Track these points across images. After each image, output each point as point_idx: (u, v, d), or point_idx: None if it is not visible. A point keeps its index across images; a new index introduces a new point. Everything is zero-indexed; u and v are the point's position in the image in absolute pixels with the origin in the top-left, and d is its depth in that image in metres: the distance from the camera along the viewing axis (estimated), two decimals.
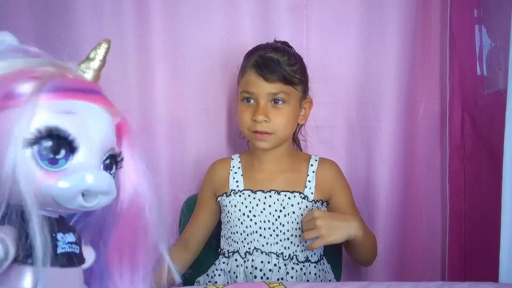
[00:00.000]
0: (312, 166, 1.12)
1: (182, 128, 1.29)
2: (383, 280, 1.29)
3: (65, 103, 0.46)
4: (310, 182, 1.10)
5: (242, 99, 1.08)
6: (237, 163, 1.16)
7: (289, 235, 1.07)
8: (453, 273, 1.30)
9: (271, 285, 0.80)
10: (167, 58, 1.26)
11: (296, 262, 1.07)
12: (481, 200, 1.21)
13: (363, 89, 1.29)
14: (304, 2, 1.27)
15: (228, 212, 1.10)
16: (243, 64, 1.10)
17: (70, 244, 0.48)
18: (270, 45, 1.10)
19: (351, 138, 1.31)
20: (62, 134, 0.44)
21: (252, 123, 1.06)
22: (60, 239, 0.47)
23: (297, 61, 1.09)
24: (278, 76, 1.04)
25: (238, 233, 1.09)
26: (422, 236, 1.33)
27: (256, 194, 1.09)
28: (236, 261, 1.09)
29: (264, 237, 1.07)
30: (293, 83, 1.06)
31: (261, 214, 1.08)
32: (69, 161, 0.45)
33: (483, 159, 1.21)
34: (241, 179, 1.13)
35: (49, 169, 0.44)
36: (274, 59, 1.05)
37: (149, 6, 1.23)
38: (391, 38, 1.24)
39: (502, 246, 0.80)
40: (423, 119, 1.31)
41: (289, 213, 1.07)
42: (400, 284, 0.78)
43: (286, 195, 1.08)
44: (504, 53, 1.10)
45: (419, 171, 1.32)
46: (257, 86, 1.05)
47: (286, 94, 1.05)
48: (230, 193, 1.11)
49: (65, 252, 0.47)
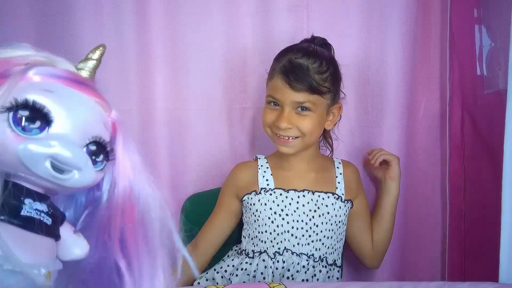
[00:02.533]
0: (338, 168, 1.14)
1: (182, 128, 1.29)
2: (383, 280, 1.29)
3: (47, 84, 0.50)
4: (340, 183, 1.12)
5: (268, 102, 1.07)
6: (264, 163, 1.14)
7: (322, 236, 1.06)
8: (453, 273, 1.29)
9: (271, 285, 0.80)
10: (167, 58, 1.26)
11: (325, 264, 1.07)
12: (481, 200, 1.21)
13: (363, 89, 1.29)
14: (304, 2, 1.27)
15: (256, 211, 1.08)
16: (273, 66, 1.08)
17: (37, 211, 0.50)
18: (302, 48, 1.06)
19: (351, 138, 1.31)
20: (37, 106, 0.48)
21: (275, 126, 1.05)
22: (27, 203, 0.49)
23: (329, 68, 1.04)
24: (304, 85, 1.01)
25: (267, 232, 1.07)
26: (422, 236, 1.33)
27: (289, 193, 1.08)
28: (264, 262, 1.06)
29: (296, 237, 1.06)
30: (320, 93, 1.03)
31: (294, 214, 1.07)
32: (45, 132, 0.48)
33: (483, 159, 1.21)
34: (271, 178, 1.11)
35: (21, 134, 0.47)
36: (304, 66, 1.02)
37: (149, 6, 1.23)
38: (391, 38, 1.24)
39: (502, 246, 0.80)
40: (423, 119, 1.31)
41: (324, 213, 1.07)
42: (400, 284, 0.79)
43: (320, 195, 1.08)
44: (504, 53, 1.10)
45: (419, 170, 1.32)
46: (283, 93, 1.03)
47: (312, 103, 1.03)
48: (260, 191, 1.09)
49: (29, 216, 0.49)
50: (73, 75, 0.53)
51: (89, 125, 0.52)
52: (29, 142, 0.47)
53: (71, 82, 0.52)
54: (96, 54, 0.57)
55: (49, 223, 0.51)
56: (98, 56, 0.57)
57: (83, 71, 0.56)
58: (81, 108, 0.52)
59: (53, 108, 0.49)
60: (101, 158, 0.53)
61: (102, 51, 0.57)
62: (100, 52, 0.57)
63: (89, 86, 0.54)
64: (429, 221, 1.34)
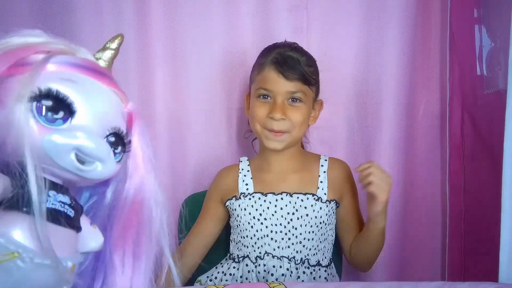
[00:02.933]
0: (323, 166, 1.11)
1: (182, 128, 1.29)
2: (383, 280, 1.29)
3: (69, 73, 0.50)
4: (322, 182, 1.09)
5: (258, 96, 1.06)
6: (245, 166, 1.14)
7: (302, 238, 1.05)
8: (453, 273, 1.29)
9: (271, 285, 0.80)
10: (167, 58, 1.26)
11: (308, 266, 1.05)
12: (481, 200, 1.21)
13: (363, 89, 1.29)
14: (304, 2, 1.27)
15: (237, 216, 1.08)
16: (260, 61, 1.08)
17: (62, 203, 0.49)
18: (288, 44, 1.09)
19: (351, 138, 1.31)
20: (61, 96, 0.47)
21: (267, 120, 1.04)
22: (51, 195, 0.49)
23: (313, 63, 1.08)
24: (298, 74, 1.03)
25: (248, 237, 1.07)
26: (422, 236, 1.33)
27: (267, 196, 1.07)
28: (247, 266, 1.06)
29: (275, 241, 1.05)
30: (310, 84, 1.05)
31: (272, 217, 1.06)
32: (68, 123, 0.48)
33: (483, 159, 1.21)
34: (251, 182, 1.11)
35: (45, 125, 0.47)
36: (294, 57, 1.04)
37: (149, 6, 1.23)
38: (391, 38, 1.24)
39: (502, 246, 0.80)
40: (423, 119, 1.31)
41: (302, 215, 1.05)
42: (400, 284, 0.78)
43: (299, 197, 1.07)
44: (504, 53, 1.10)
45: (419, 170, 1.32)
46: (276, 83, 1.03)
47: (303, 93, 1.05)
48: (240, 196, 1.09)
49: (53, 208, 0.48)
50: (94, 65, 0.53)
51: (109, 116, 0.52)
52: (54, 133, 0.47)
53: (92, 72, 0.51)
54: (114, 44, 0.56)
55: (72, 215, 0.50)
56: (116, 45, 0.56)
57: (101, 60, 0.55)
58: (101, 99, 0.51)
59: (76, 98, 0.48)
60: (119, 150, 0.53)
61: (120, 40, 0.57)
62: (118, 41, 0.57)
63: (108, 76, 0.53)
64: (429, 221, 1.34)
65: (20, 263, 0.44)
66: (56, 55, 0.50)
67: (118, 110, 0.53)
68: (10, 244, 0.44)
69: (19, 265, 0.44)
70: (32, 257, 0.45)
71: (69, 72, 0.50)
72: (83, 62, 0.52)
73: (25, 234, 0.45)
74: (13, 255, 0.44)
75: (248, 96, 1.14)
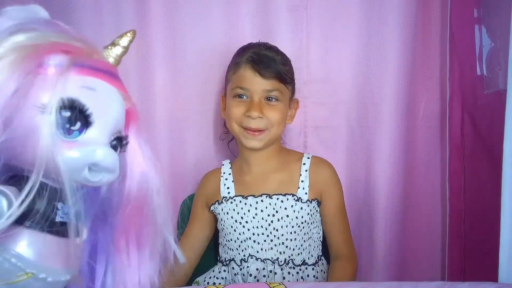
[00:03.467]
0: (305, 165, 1.10)
1: (182, 128, 1.29)
2: (383, 280, 1.29)
3: (89, 80, 0.48)
4: (303, 182, 1.08)
5: (234, 95, 1.07)
6: (227, 169, 1.15)
7: (284, 240, 1.05)
8: (453, 273, 1.29)
9: (271, 285, 0.80)
10: (167, 58, 1.26)
11: (293, 266, 1.05)
12: (481, 200, 1.21)
13: (363, 89, 1.29)
14: (304, 2, 1.27)
15: (221, 220, 1.09)
16: (235, 60, 1.09)
17: (67, 215, 0.48)
18: (262, 43, 1.10)
19: (351, 138, 1.31)
20: (80, 107, 0.46)
21: (244, 119, 1.05)
22: (60, 208, 0.48)
23: (288, 62, 1.10)
24: (274, 72, 1.04)
25: (232, 240, 1.08)
26: (422, 236, 1.33)
27: (247, 199, 1.07)
28: (233, 270, 1.07)
29: (258, 243, 1.06)
30: (286, 82, 1.06)
31: (254, 220, 1.06)
32: (82, 134, 0.47)
33: (483, 159, 1.21)
34: (232, 185, 1.11)
35: (63, 138, 0.45)
36: (270, 56, 1.06)
37: (149, 6, 1.23)
38: (391, 38, 1.24)
39: (502, 246, 0.80)
40: (423, 119, 1.31)
41: (283, 217, 1.05)
42: (400, 284, 0.78)
43: (279, 198, 1.06)
44: (504, 53, 1.10)
45: (419, 171, 1.32)
46: (252, 82, 1.04)
47: (279, 92, 1.05)
48: (222, 201, 1.09)
49: (64, 222, 0.48)
50: (109, 67, 0.52)
51: (117, 122, 0.51)
52: (74, 149, 0.45)
53: (105, 75, 0.50)
54: (124, 41, 0.54)
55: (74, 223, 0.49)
56: (127, 43, 0.54)
57: (110, 58, 0.54)
58: (115, 108, 0.51)
59: (94, 109, 0.47)
60: (118, 151, 0.52)
61: (131, 37, 0.54)
62: (129, 39, 0.54)
63: (118, 78, 0.52)
64: (429, 221, 1.34)
65: (34, 282, 0.44)
66: (77, 57, 0.48)
67: (122, 113, 0.52)
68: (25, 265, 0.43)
69: (33, 284, 0.44)
70: (46, 276, 0.44)
71: (89, 78, 0.48)
72: (100, 64, 0.50)
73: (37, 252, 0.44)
74: (27, 276, 0.43)
75: (224, 97, 1.14)
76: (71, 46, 0.49)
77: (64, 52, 0.48)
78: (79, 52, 0.49)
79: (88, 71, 0.49)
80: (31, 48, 0.46)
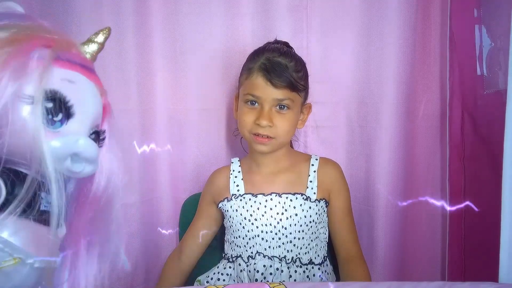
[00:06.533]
0: (313, 166, 1.12)
1: (182, 128, 1.29)
2: (383, 280, 1.29)
3: (69, 73, 0.50)
4: (312, 182, 1.10)
5: (246, 101, 1.07)
6: (237, 167, 1.15)
7: (292, 238, 1.06)
8: (453, 273, 1.29)
9: (271, 285, 0.80)
10: (167, 58, 1.26)
11: (300, 265, 1.06)
12: (481, 200, 1.21)
13: (363, 89, 1.29)
14: (304, 2, 1.27)
15: (230, 217, 1.10)
16: (248, 65, 1.08)
17: (49, 204, 0.49)
18: (277, 48, 1.08)
19: (351, 138, 1.31)
20: (62, 99, 0.48)
21: (254, 126, 1.05)
22: (43, 197, 0.49)
23: (302, 67, 1.08)
24: (286, 82, 1.03)
25: (240, 237, 1.08)
26: (422, 236, 1.33)
27: (257, 197, 1.08)
28: (240, 266, 1.08)
29: (266, 240, 1.06)
30: (298, 90, 1.06)
31: (262, 218, 1.07)
32: (64, 125, 0.48)
33: (483, 159, 1.21)
34: (242, 183, 1.12)
35: (46, 128, 0.47)
36: (282, 64, 1.04)
37: (149, 6, 1.23)
38: (391, 38, 1.24)
39: (502, 246, 0.80)
40: (423, 119, 1.31)
41: (292, 215, 1.06)
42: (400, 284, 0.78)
43: (288, 197, 1.07)
44: (504, 53, 1.10)
45: (419, 171, 1.32)
46: (264, 91, 1.04)
47: (291, 100, 1.05)
48: (231, 198, 1.10)
49: (47, 211, 0.49)
50: (87, 62, 0.53)
51: (96, 115, 0.52)
52: (56, 138, 0.46)
53: (86, 70, 0.52)
54: (100, 38, 0.56)
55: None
56: (102, 40, 0.56)
57: (87, 54, 0.55)
58: (93, 101, 0.52)
59: (75, 101, 0.48)
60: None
61: (106, 34, 0.56)
62: (104, 36, 0.56)
63: (95, 73, 0.54)
64: (429, 221, 1.34)
65: (22, 267, 0.44)
66: (58, 50, 0.49)
67: (100, 107, 0.54)
68: (12, 250, 0.44)
69: (19, 270, 0.44)
70: (33, 262, 0.45)
71: (69, 71, 0.50)
72: (79, 59, 0.52)
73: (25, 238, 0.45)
74: (14, 261, 0.44)
75: (236, 98, 1.14)
76: (51, 40, 0.50)
77: (45, 46, 0.49)
78: (58, 46, 0.50)
79: (68, 64, 0.50)
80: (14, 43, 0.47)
